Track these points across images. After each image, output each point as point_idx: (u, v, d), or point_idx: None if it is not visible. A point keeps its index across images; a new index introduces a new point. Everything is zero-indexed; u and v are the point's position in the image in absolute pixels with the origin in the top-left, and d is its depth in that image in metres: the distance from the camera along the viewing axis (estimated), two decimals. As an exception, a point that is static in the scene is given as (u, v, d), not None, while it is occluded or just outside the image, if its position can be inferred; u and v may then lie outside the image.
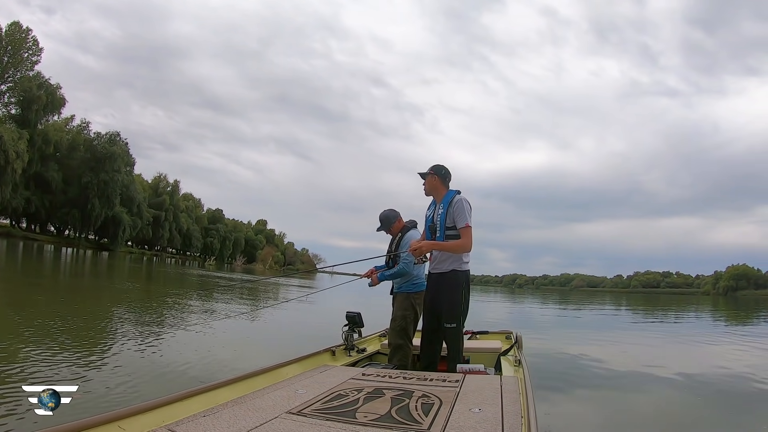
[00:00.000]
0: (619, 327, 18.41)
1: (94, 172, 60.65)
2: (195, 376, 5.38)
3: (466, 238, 3.74)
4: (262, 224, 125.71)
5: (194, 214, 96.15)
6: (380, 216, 4.68)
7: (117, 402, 4.08)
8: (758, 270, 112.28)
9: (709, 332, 16.65)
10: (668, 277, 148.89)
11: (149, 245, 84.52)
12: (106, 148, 62.22)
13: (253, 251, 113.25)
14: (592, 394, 6.30)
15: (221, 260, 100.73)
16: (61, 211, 60.13)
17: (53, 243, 57.61)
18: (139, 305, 11.30)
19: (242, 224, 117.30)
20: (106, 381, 4.75)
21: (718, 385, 6.85)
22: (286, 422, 2.07)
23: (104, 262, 36.65)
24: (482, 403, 2.38)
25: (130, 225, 69.61)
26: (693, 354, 10.31)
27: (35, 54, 53.86)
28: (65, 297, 11.45)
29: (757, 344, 12.73)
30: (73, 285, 16.03)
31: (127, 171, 67.97)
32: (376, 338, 5.17)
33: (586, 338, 12.84)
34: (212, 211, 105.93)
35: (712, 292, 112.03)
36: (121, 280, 20.73)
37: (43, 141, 54.67)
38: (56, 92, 55.15)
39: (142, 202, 74.30)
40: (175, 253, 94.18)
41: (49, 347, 5.89)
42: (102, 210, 62.32)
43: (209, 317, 10.38)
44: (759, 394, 6.61)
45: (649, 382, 6.96)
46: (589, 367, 7.95)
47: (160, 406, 2.16)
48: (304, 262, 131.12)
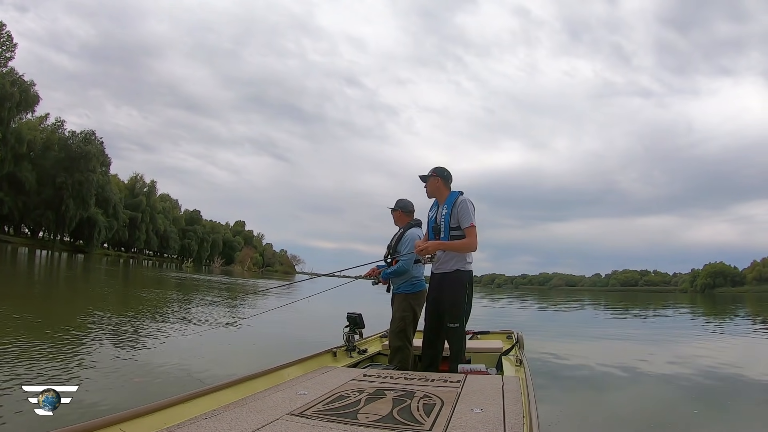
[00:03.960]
0: (604, 325, 18.65)
1: (68, 172, 59.09)
2: (200, 378, 5.34)
3: (471, 237, 3.76)
4: (241, 225, 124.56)
5: (171, 216, 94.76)
6: (399, 199, 4.73)
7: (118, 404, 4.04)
8: (735, 268, 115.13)
9: (706, 331, 16.99)
10: (646, 276, 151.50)
11: (126, 247, 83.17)
12: (80, 148, 60.74)
13: (231, 253, 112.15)
14: (591, 393, 6.33)
15: (199, 262, 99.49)
16: (35, 212, 58.39)
17: (27, 245, 55.97)
18: (137, 313, 11.05)
19: (220, 225, 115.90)
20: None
21: (715, 384, 6.99)
22: (288, 424, 2.07)
23: (80, 265, 35.82)
24: (484, 404, 2.39)
25: (106, 226, 68.31)
26: (682, 352, 10.46)
27: (9, 50, 51.92)
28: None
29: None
30: (53, 293, 15.53)
31: (102, 171, 66.40)
32: (377, 339, 5.16)
33: (576, 336, 12.98)
34: (190, 212, 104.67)
35: (689, 290, 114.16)
36: (109, 286, 20.25)
37: (16, 140, 52.78)
38: (30, 89, 52.97)
39: (118, 203, 72.93)
40: (152, 255, 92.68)
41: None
42: (77, 211, 60.84)
43: (213, 323, 10.32)
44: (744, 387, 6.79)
45: (648, 381, 7.04)
46: (583, 367, 7.98)
47: (161, 408, 2.15)
48: (283, 264, 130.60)
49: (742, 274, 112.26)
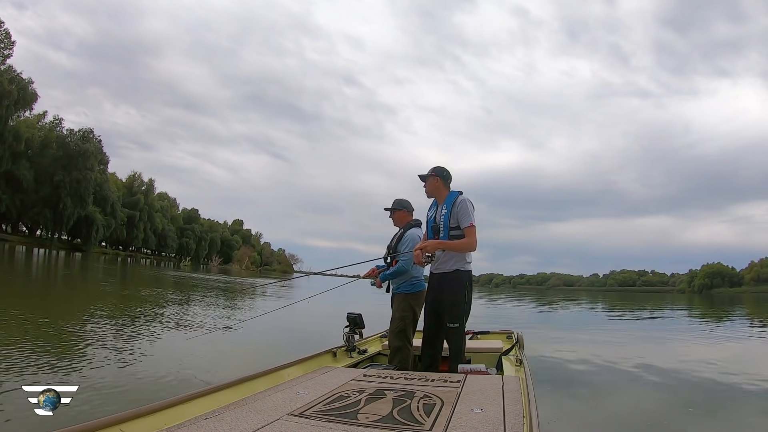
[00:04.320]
0: (603, 325, 18.59)
1: (66, 170, 58.90)
2: (200, 379, 5.33)
3: (471, 237, 3.76)
4: (239, 224, 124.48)
5: (169, 214, 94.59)
6: (397, 199, 4.71)
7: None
8: (732, 268, 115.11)
9: (704, 331, 17.01)
10: (644, 276, 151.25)
11: (123, 246, 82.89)
12: (78, 146, 60.55)
13: (229, 252, 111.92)
14: (591, 393, 6.32)
15: (197, 261, 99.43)
16: (33, 210, 58.20)
17: (25, 244, 55.92)
18: (136, 313, 11.01)
19: (218, 224, 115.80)
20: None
21: (712, 384, 7.00)
22: (288, 424, 2.07)
23: (77, 264, 35.76)
24: (484, 404, 2.39)
25: (104, 225, 68.07)
26: (680, 352, 10.47)
27: (7, 47, 51.73)
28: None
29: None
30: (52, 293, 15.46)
31: (100, 169, 66.08)
32: (377, 339, 5.16)
33: (575, 336, 13.00)
34: (188, 210, 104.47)
35: (687, 290, 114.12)
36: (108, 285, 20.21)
37: (14, 138, 52.59)
38: (28, 87, 52.82)
39: (116, 201, 72.62)
40: (150, 254, 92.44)
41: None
42: (74, 209, 60.68)
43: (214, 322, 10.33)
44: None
45: (647, 381, 7.04)
46: (582, 367, 7.98)
47: (161, 408, 2.15)
48: (281, 263, 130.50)
49: (739, 274, 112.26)
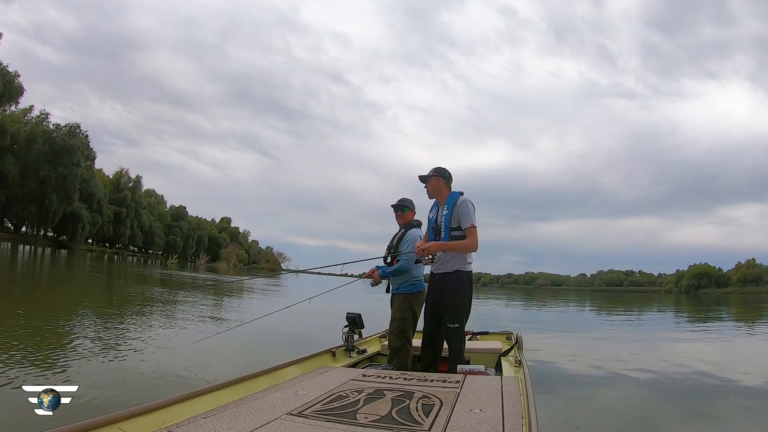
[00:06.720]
0: (597, 326, 18.82)
1: (52, 166, 58.25)
2: (199, 378, 5.34)
3: (472, 238, 3.78)
4: (226, 222, 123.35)
5: (157, 211, 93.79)
6: (401, 198, 4.72)
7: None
8: (719, 269, 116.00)
9: (692, 331, 17.27)
10: (631, 276, 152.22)
11: (110, 243, 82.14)
12: (65, 141, 59.85)
13: (216, 249, 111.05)
14: (591, 394, 6.38)
15: (184, 259, 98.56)
16: (18, 206, 57.49)
17: (10, 240, 55.07)
18: (133, 312, 10.92)
19: (206, 222, 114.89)
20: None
21: (709, 383, 7.11)
22: (287, 423, 2.07)
23: (63, 261, 35.35)
24: (483, 404, 2.40)
25: (90, 222, 67.34)
26: (678, 352, 10.59)
27: (-7, 39, 51.30)
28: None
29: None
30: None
31: (87, 165, 65.43)
32: (377, 339, 5.15)
33: (574, 336, 13.17)
34: (175, 208, 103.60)
35: (674, 291, 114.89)
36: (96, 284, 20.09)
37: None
38: (14, 81, 51.86)
39: (103, 197, 71.79)
40: (137, 251, 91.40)
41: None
42: (60, 205, 60.02)
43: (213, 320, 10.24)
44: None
45: (646, 381, 7.13)
46: (581, 368, 8.04)
47: (160, 407, 2.14)
48: (269, 261, 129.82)
49: (726, 275, 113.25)
